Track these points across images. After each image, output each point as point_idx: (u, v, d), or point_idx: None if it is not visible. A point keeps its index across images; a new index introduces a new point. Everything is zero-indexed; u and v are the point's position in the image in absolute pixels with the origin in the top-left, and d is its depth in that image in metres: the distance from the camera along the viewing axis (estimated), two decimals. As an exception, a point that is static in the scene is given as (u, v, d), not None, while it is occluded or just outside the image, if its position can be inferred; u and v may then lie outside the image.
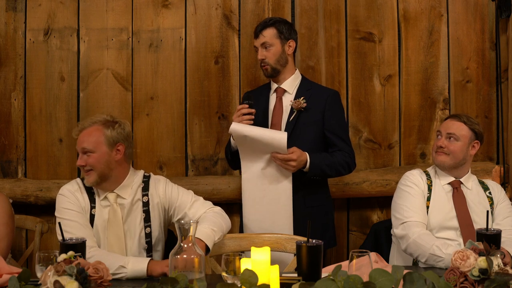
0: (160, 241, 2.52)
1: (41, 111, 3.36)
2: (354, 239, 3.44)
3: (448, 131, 2.62)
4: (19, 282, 1.75)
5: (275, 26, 2.87)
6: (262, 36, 2.85)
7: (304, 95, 2.85)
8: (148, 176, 2.55)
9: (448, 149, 2.60)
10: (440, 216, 2.57)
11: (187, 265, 1.82)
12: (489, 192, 2.65)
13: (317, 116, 2.84)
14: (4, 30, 3.34)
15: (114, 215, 2.42)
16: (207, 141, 3.39)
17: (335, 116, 2.88)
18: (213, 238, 2.35)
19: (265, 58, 2.85)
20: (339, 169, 2.84)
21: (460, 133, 2.61)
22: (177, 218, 2.52)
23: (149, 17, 3.37)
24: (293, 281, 1.83)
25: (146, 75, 3.37)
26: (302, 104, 2.81)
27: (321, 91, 2.93)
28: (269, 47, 2.85)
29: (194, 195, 2.56)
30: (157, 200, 2.50)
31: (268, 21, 2.90)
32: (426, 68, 3.42)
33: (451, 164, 2.62)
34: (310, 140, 2.83)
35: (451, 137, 2.61)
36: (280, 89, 2.91)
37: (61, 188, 2.46)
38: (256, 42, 2.89)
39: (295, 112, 2.83)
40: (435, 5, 3.42)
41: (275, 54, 2.85)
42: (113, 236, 2.41)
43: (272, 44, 2.85)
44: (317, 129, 2.85)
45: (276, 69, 2.86)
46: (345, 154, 2.84)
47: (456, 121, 2.64)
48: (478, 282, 1.73)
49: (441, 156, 2.62)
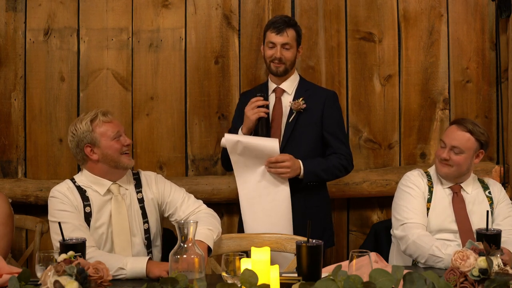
0: (158, 236, 2.54)
1: (41, 111, 3.36)
2: (354, 239, 3.44)
3: (452, 144, 2.55)
4: (19, 282, 1.75)
5: (295, 29, 2.85)
6: (286, 35, 2.79)
7: (303, 95, 2.84)
8: (137, 173, 2.56)
9: (452, 161, 2.55)
10: (440, 219, 2.56)
11: (187, 265, 1.82)
12: (488, 192, 2.64)
13: (315, 117, 2.84)
14: (4, 30, 3.34)
15: (119, 207, 2.42)
16: (207, 141, 3.39)
17: (333, 117, 2.87)
18: (212, 237, 2.36)
19: (282, 57, 2.81)
20: (336, 173, 2.83)
21: (465, 145, 2.54)
22: (168, 214, 2.55)
23: (149, 17, 3.37)
24: (293, 281, 1.82)
25: (146, 75, 3.37)
26: (301, 105, 2.81)
27: (320, 92, 2.93)
28: (289, 49, 2.82)
29: (185, 192, 2.58)
30: (151, 196, 2.51)
31: (291, 20, 2.86)
32: (426, 68, 3.43)
33: (455, 175, 2.59)
34: (309, 142, 2.83)
35: (455, 150, 2.55)
36: (279, 89, 2.90)
37: (51, 191, 2.43)
38: (277, 38, 2.79)
39: (295, 113, 2.82)
40: (435, 5, 3.42)
41: (293, 56, 2.84)
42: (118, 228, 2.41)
43: (292, 46, 2.82)
44: (316, 130, 2.84)
45: (288, 70, 2.86)
46: (341, 157, 2.82)
47: (461, 131, 2.55)
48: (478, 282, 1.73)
49: (445, 168, 2.58)
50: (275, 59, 2.81)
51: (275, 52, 2.81)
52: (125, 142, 2.45)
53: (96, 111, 2.45)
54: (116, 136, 2.43)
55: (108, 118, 2.44)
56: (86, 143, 2.41)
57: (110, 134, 2.42)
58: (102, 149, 2.41)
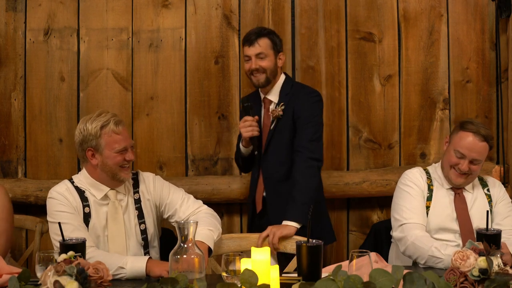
0: (156, 237, 2.53)
1: (41, 111, 3.36)
2: (354, 239, 3.44)
3: (474, 157, 2.50)
4: (19, 282, 1.75)
5: (269, 37, 2.82)
6: (257, 45, 2.78)
7: (283, 100, 2.82)
8: (136, 173, 2.55)
9: (470, 170, 2.52)
10: (440, 218, 2.56)
11: (187, 265, 1.82)
12: (487, 189, 2.63)
13: (290, 118, 2.80)
14: (4, 30, 3.34)
15: (115, 212, 2.42)
16: (207, 141, 3.39)
17: (303, 110, 2.79)
18: (212, 238, 2.36)
19: (259, 67, 2.78)
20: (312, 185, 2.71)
21: (484, 155, 2.52)
22: (168, 215, 2.53)
23: (149, 17, 3.37)
24: (293, 281, 1.83)
25: (146, 75, 3.37)
26: (279, 112, 2.79)
27: (297, 92, 2.86)
28: (264, 58, 2.79)
29: (185, 193, 2.57)
30: (148, 196, 2.50)
31: (263, 30, 2.85)
32: (426, 68, 3.42)
33: (469, 182, 2.59)
34: (286, 146, 2.80)
35: (475, 162, 2.51)
36: (267, 99, 2.89)
37: (50, 191, 2.42)
38: (250, 50, 2.79)
39: (275, 121, 2.82)
40: (435, 5, 3.41)
41: (271, 64, 2.80)
42: (114, 233, 2.40)
43: (267, 55, 2.79)
44: (291, 132, 2.79)
45: (269, 80, 2.82)
46: (304, 161, 2.71)
47: (480, 142, 2.50)
48: (478, 282, 1.73)
49: (461, 178, 2.54)
50: (253, 70, 2.80)
51: (251, 64, 2.80)
52: (128, 158, 2.40)
53: (109, 118, 2.39)
54: (121, 151, 2.39)
55: (118, 130, 2.38)
56: (89, 147, 2.38)
57: (116, 147, 2.37)
58: (103, 157, 2.38)
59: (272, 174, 2.84)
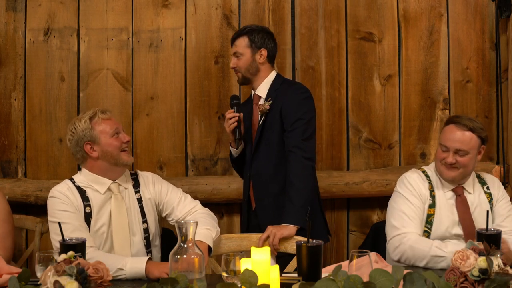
0: (157, 236, 2.54)
1: (41, 111, 3.36)
2: (354, 239, 3.44)
3: (456, 147, 2.46)
4: (19, 282, 1.75)
5: (248, 35, 2.86)
6: (234, 45, 2.90)
7: (271, 95, 2.83)
8: (135, 173, 2.57)
9: (459, 163, 2.47)
10: (445, 225, 2.51)
11: (187, 265, 1.82)
12: (486, 187, 2.60)
13: (277, 114, 2.79)
14: (4, 30, 3.34)
15: (118, 205, 2.43)
16: (207, 141, 3.39)
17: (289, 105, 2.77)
18: (211, 237, 2.37)
19: (236, 66, 2.87)
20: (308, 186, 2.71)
21: (469, 145, 2.46)
22: (165, 214, 2.55)
23: (149, 17, 3.37)
24: (293, 281, 1.83)
25: (146, 75, 3.37)
26: (265, 107, 2.80)
27: (286, 87, 2.85)
28: (240, 56, 2.86)
29: (182, 192, 2.59)
30: (149, 196, 2.52)
31: (243, 29, 2.90)
32: (426, 68, 3.43)
33: (462, 177, 2.52)
34: (274, 142, 2.79)
35: (460, 152, 2.47)
36: (256, 95, 2.91)
37: (51, 191, 2.43)
38: (231, 51, 2.95)
39: (263, 116, 2.82)
40: (435, 5, 3.42)
41: (245, 63, 2.85)
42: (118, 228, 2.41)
43: (242, 54, 2.85)
44: (279, 127, 2.79)
45: (246, 77, 2.87)
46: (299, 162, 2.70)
47: (461, 131, 2.45)
48: (478, 282, 1.73)
49: (451, 172, 2.49)
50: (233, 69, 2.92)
51: (231, 63, 2.92)
52: (124, 139, 2.46)
53: (94, 110, 2.47)
54: (115, 133, 2.44)
55: (106, 116, 2.46)
56: (86, 141, 2.42)
57: (109, 131, 2.43)
58: (101, 146, 2.42)
59: (261, 171, 2.84)
